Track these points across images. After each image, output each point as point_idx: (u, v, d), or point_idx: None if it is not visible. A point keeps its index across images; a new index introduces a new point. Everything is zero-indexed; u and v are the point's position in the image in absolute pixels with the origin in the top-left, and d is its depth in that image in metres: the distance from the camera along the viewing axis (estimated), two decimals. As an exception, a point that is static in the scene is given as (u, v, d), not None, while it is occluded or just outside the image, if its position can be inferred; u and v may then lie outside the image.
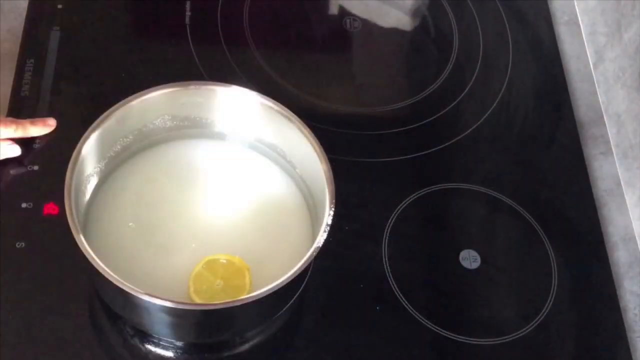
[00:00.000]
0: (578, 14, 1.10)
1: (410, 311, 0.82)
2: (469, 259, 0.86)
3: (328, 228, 0.70)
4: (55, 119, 0.86)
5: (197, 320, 0.73)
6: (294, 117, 0.76)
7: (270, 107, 0.77)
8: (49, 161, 0.84)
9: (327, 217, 0.70)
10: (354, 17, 1.05)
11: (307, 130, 0.76)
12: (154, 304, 0.65)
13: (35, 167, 0.83)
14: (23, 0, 0.96)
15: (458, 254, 0.87)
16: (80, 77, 0.92)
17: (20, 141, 0.84)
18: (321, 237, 0.70)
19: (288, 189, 0.81)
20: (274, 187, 0.81)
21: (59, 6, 0.96)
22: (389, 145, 0.94)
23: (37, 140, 0.85)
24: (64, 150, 0.71)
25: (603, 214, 0.94)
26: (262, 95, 0.78)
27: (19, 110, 0.87)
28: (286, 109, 0.77)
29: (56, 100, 0.89)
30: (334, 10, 1.08)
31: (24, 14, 0.95)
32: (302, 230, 0.79)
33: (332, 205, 0.71)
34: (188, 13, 1.00)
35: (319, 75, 1.01)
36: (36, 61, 0.91)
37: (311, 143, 0.75)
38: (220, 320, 0.73)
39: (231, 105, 0.79)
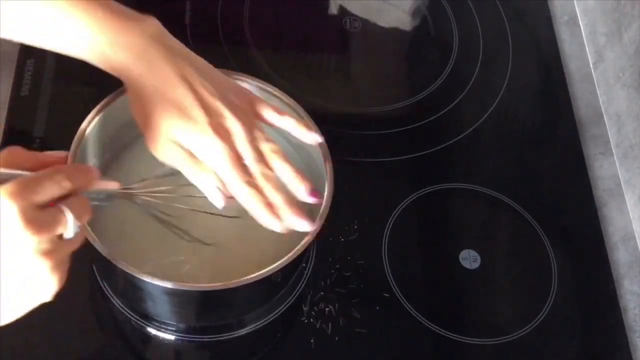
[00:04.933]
0: (578, 14, 1.10)
1: (410, 311, 0.82)
2: (469, 259, 0.86)
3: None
4: (55, 119, 0.87)
5: (197, 302, 0.73)
6: (295, 105, 0.77)
7: (271, 94, 0.78)
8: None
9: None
10: (354, 17, 1.05)
11: (308, 118, 0.76)
12: (154, 285, 0.65)
13: (35, 167, 0.83)
14: (23, 0, 0.96)
15: (458, 254, 0.87)
16: (80, 77, 0.92)
17: (20, 140, 0.84)
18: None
19: None
20: None
21: (59, 6, 0.96)
22: (389, 145, 0.94)
23: (37, 140, 0.85)
24: (63, 150, 0.71)
25: (603, 214, 0.94)
26: (263, 82, 0.78)
27: (19, 111, 0.87)
28: (287, 95, 0.77)
29: (56, 100, 0.89)
30: (334, 10, 1.08)
31: (24, 14, 0.95)
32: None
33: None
34: (188, 13, 1.00)
35: (319, 75, 1.01)
36: (36, 61, 0.91)
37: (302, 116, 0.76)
38: (225, 300, 0.74)
39: None
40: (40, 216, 0.51)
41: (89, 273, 0.79)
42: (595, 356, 0.84)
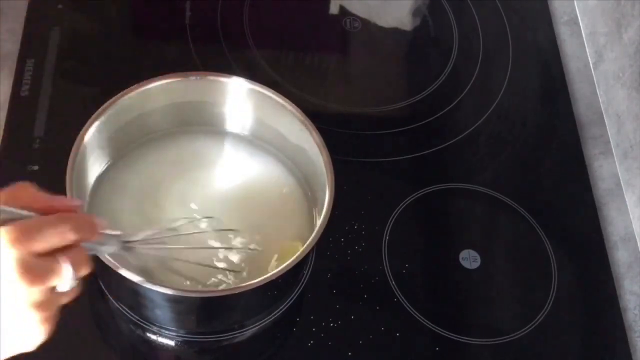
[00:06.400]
0: (578, 14, 1.10)
1: (410, 311, 0.82)
2: (469, 259, 0.86)
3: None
4: (56, 119, 0.87)
5: (197, 308, 0.73)
6: (294, 107, 0.77)
7: (270, 97, 0.78)
8: (49, 161, 0.84)
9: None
10: (354, 17, 1.05)
11: (307, 121, 0.76)
12: (154, 291, 0.65)
13: (35, 167, 0.83)
14: (23, 0, 0.96)
15: (458, 254, 0.87)
16: (80, 77, 0.92)
17: (20, 140, 0.84)
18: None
19: (287, 178, 0.82)
20: (273, 178, 0.82)
21: (59, 6, 0.96)
22: (389, 145, 0.94)
23: (37, 140, 0.85)
24: (64, 150, 0.71)
25: (603, 214, 0.94)
26: (262, 86, 0.78)
27: (19, 111, 0.87)
28: (286, 99, 0.77)
29: (56, 100, 0.89)
30: (334, 10, 1.08)
31: (24, 14, 0.95)
32: (301, 221, 0.79)
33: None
34: (188, 13, 1.00)
35: (319, 75, 1.01)
36: (36, 61, 0.91)
37: (309, 130, 0.76)
38: (224, 307, 0.74)
39: (231, 96, 0.79)
40: (37, 266, 0.49)
41: (87, 282, 0.79)
42: (595, 356, 0.84)
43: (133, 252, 0.65)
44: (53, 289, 0.51)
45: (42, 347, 0.72)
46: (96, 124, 0.73)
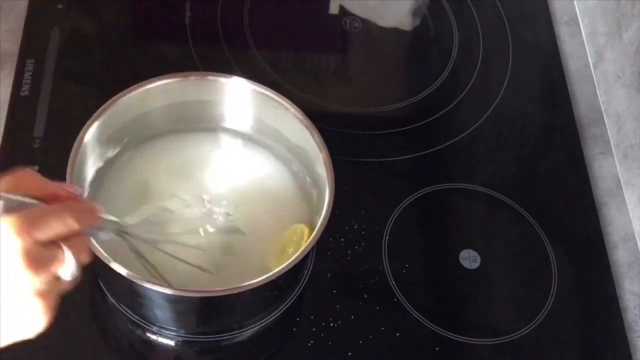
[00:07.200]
0: (578, 14, 1.10)
1: (410, 311, 0.82)
2: (469, 259, 0.86)
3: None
4: (56, 119, 0.87)
5: (197, 308, 0.73)
6: (294, 107, 0.77)
7: (270, 97, 0.78)
8: (49, 161, 0.84)
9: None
10: (354, 17, 1.05)
11: (307, 121, 0.76)
12: (154, 291, 0.65)
13: (35, 167, 0.83)
14: (23, 0, 0.96)
15: (458, 254, 0.87)
16: (80, 77, 0.92)
17: (20, 140, 0.84)
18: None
19: (287, 178, 0.82)
20: (273, 178, 0.82)
21: (59, 6, 0.96)
22: (389, 145, 0.94)
23: (37, 140, 0.85)
24: (64, 150, 0.71)
25: (603, 214, 0.94)
26: (262, 86, 0.78)
27: (19, 111, 0.87)
28: (286, 99, 0.77)
29: (56, 100, 0.89)
30: (334, 10, 1.08)
31: (24, 14, 0.95)
32: (301, 221, 0.79)
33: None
34: (188, 13, 1.00)
35: (319, 75, 1.01)
36: (36, 61, 0.91)
37: (309, 130, 0.76)
38: (224, 307, 0.74)
39: (231, 96, 0.79)
40: (41, 255, 0.50)
41: (89, 275, 0.79)
42: (595, 356, 0.84)
43: (128, 237, 0.65)
44: (56, 277, 0.52)
45: (42, 344, 0.72)
46: (96, 124, 0.73)
